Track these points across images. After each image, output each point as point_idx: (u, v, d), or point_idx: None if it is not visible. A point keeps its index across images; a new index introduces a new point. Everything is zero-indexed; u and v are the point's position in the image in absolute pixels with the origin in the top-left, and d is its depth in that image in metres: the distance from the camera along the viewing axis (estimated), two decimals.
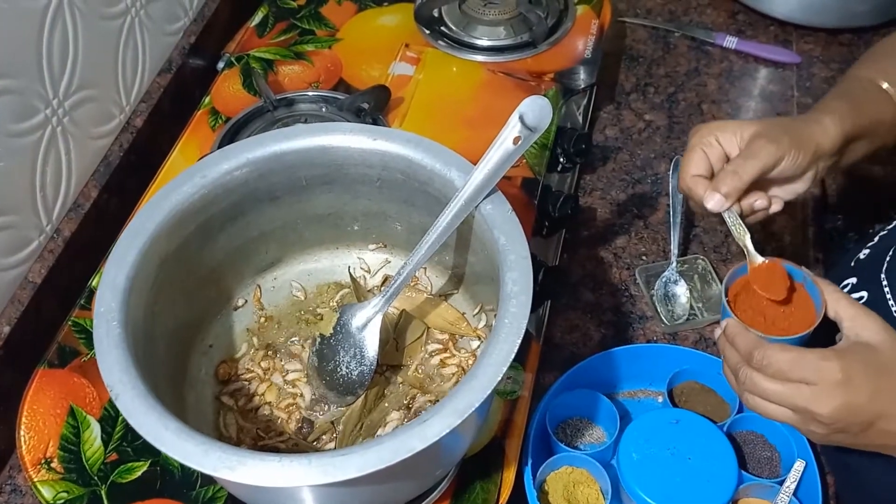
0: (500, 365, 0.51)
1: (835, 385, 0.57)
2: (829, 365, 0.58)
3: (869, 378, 0.58)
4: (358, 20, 1.02)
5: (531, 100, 0.57)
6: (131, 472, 0.67)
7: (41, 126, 0.77)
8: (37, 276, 0.78)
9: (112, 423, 0.70)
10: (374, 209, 0.70)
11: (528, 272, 0.55)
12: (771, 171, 0.68)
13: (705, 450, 0.70)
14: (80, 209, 0.83)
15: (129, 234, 0.58)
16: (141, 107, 0.92)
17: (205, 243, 0.65)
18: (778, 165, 0.67)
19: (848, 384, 0.57)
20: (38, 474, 0.67)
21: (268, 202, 0.67)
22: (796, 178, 0.71)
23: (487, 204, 0.60)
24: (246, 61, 0.97)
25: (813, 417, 0.59)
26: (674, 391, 0.77)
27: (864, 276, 0.73)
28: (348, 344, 0.64)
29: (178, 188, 0.61)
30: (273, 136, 0.64)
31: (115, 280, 0.55)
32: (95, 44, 0.82)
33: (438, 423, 0.49)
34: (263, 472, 0.47)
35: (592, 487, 0.72)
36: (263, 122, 0.90)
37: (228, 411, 0.66)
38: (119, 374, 0.50)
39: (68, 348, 0.73)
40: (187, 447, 0.48)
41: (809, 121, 0.70)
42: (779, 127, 0.69)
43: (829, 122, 0.69)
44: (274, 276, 0.73)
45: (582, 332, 0.85)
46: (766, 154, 0.67)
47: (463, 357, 0.69)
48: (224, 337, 0.70)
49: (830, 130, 0.68)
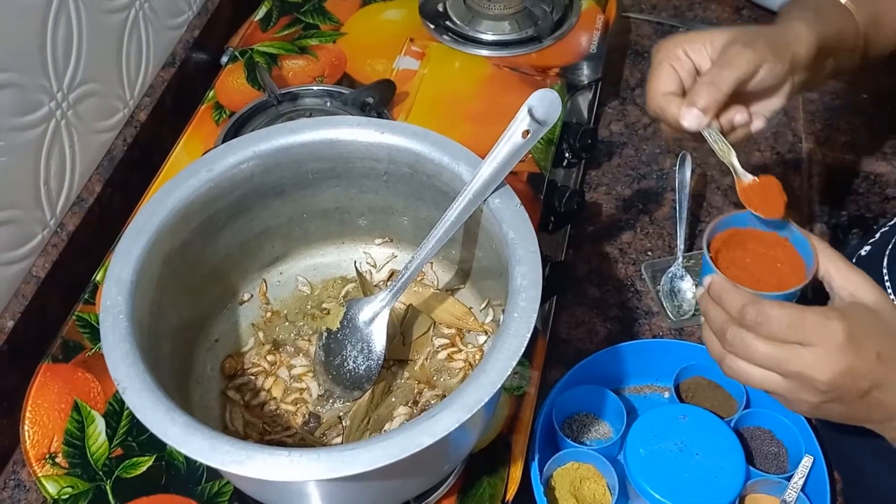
0: (509, 359, 0.51)
1: (839, 347, 0.51)
2: (834, 325, 0.51)
3: (872, 341, 0.52)
4: (362, 14, 1.02)
5: (541, 93, 0.56)
6: (136, 468, 0.67)
7: (45, 120, 0.76)
8: (41, 270, 0.78)
9: (117, 417, 0.69)
10: (381, 203, 0.70)
11: (537, 266, 0.55)
12: (749, 82, 0.62)
13: (713, 445, 0.70)
14: (84, 203, 0.83)
15: (135, 230, 0.58)
16: (144, 101, 0.91)
17: (210, 238, 0.64)
18: (756, 74, 0.61)
19: (851, 346, 0.51)
20: (43, 469, 0.66)
21: (273, 196, 0.66)
22: (773, 93, 0.65)
23: (496, 198, 0.59)
24: (250, 56, 0.96)
25: (808, 384, 0.52)
26: (680, 387, 0.77)
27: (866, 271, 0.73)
28: (355, 338, 0.64)
29: (183, 182, 0.60)
30: (279, 130, 0.63)
31: (121, 275, 0.55)
32: (99, 37, 0.82)
33: (447, 418, 0.48)
34: (272, 467, 0.47)
35: (599, 483, 0.71)
36: (268, 116, 0.89)
37: (235, 406, 0.66)
38: (126, 369, 0.50)
39: (72, 343, 0.73)
40: (195, 442, 0.48)
41: (782, 27, 0.64)
42: (752, 33, 0.62)
43: (803, 28, 0.63)
44: (280, 271, 0.73)
45: (588, 328, 0.85)
46: (743, 61, 0.60)
47: (470, 352, 0.69)
48: (230, 332, 0.70)
49: (804, 36, 0.63)
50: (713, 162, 0.98)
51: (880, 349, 0.52)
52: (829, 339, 0.51)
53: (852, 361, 0.51)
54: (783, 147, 1.00)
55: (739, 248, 0.60)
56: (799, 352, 0.52)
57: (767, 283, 0.58)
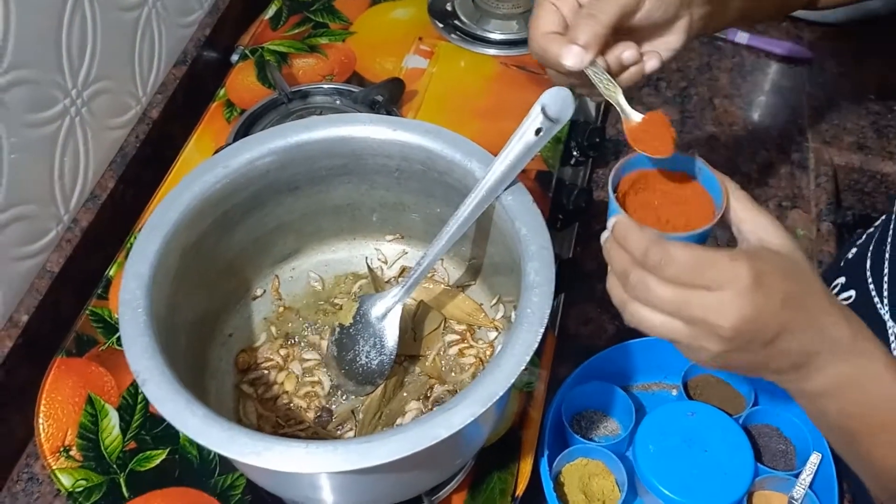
0: (523, 354, 0.52)
1: (745, 290, 0.47)
2: (740, 266, 0.47)
3: (780, 284, 0.48)
4: (371, 13, 1.03)
5: (554, 91, 0.57)
6: (150, 461, 0.67)
7: (60, 116, 0.77)
8: (55, 265, 0.78)
9: (130, 411, 0.70)
10: (393, 200, 0.70)
11: (550, 262, 0.56)
12: (634, 14, 0.57)
13: (721, 442, 0.70)
14: (97, 199, 0.83)
15: (152, 225, 0.58)
16: (157, 98, 0.92)
17: (225, 234, 0.65)
18: (641, 6, 0.57)
19: (759, 290, 0.47)
20: (57, 462, 0.67)
21: (287, 193, 0.67)
22: (667, 29, 0.60)
23: (508, 195, 0.60)
24: (260, 54, 0.97)
25: (711, 331, 0.48)
26: (689, 384, 0.78)
27: (852, 275, 0.73)
28: (368, 333, 0.65)
29: (199, 178, 0.61)
30: (294, 127, 0.64)
31: (139, 270, 0.56)
32: (113, 35, 0.83)
33: (463, 412, 0.49)
34: (289, 459, 0.47)
35: (608, 479, 0.72)
36: (278, 114, 0.90)
37: (248, 400, 0.66)
38: (146, 361, 0.51)
39: (86, 337, 0.74)
40: (214, 433, 0.48)
41: None
42: None
43: None
44: (292, 267, 0.73)
45: (596, 325, 0.85)
46: None
47: (480, 348, 0.69)
48: (243, 327, 0.70)
49: None
50: (719, 161, 0.98)
51: (787, 293, 0.48)
52: (735, 282, 0.47)
53: (760, 306, 0.47)
54: (790, 147, 1.01)
55: (647, 190, 0.57)
56: (703, 295, 0.47)
57: (675, 225, 0.54)
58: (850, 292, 0.72)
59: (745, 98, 1.06)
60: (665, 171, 0.57)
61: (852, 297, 0.71)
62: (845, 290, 0.73)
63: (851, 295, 0.71)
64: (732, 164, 0.98)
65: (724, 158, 0.99)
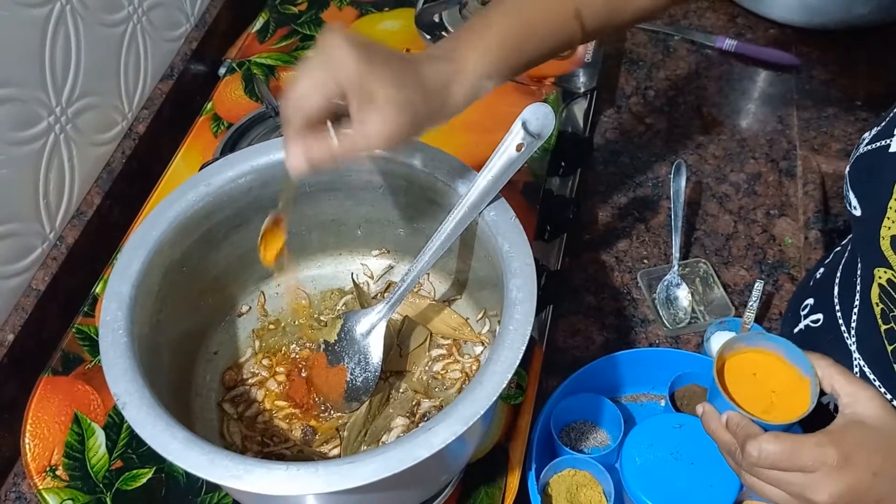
0: (505, 372, 0.51)
1: (832, 471, 0.54)
2: (826, 451, 0.55)
3: (869, 462, 0.55)
4: (359, 25, 1.03)
5: (534, 107, 0.57)
6: (136, 480, 0.67)
7: (44, 134, 0.77)
8: (40, 283, 0.78)
9: (117, 430, 0.70)
10: (377, 215, 0.70)
11: (532, 279, 0.56)
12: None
13: (708, 454, 0.70)
14: (83, 216, 0.83)
15: (133, 245, 0.58)
16: (143, 113, 0.92)
17: (209, 251, 0.65)
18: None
19: (847, 468, 0.54)
20: (44, 482, 0.67)
21: (271, 210, 0.67)
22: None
23: (491, 210, 0.60)
24: (247, 67, 0.97)
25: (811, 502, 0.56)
26: (676, 395, 0.78)
27: (820, 296, 0.73)
28: (353, 350, 0.64)
29: (181, 197, 0.61)
30: (276, 144, 0.64)
31: (120, 290, 0.56)
32: (97, 51, 0.83)
33: (444, 431, 0.49)
34: (270, 481, 0.47)
35: (595, 490, 0.72)
36: (265, 127, 0.90)
37: (230, 419, 0.66)
38: (126, 384, 0.51)
39: (72, 355, 0.74)
40: (194, 457, 0.48)
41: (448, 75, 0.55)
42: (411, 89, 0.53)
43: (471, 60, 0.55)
44: (278, 283, 0.73)
45: (584, 336, 0.85)
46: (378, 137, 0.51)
47: (467, 362, 0.69)
48: (229, 344, 0.70)
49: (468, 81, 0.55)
50: (708, 170, 0.99)
51: (876, 468, 0.55)
52: (824, 464, 0.54)
53: (851, 482, 0.54)
54: (778, 154, 1.01)
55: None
56: (798, 476, 0.56)
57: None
58: (818, 315, 0.71)
59: (732, 106, 1.06)
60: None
61: (820, 320, 0.71)
62: (814, 313, 0.72)
63: (819, 318, 0.71)
64: (720, 173, 0.98)
65: (712, 167, 0.99)
